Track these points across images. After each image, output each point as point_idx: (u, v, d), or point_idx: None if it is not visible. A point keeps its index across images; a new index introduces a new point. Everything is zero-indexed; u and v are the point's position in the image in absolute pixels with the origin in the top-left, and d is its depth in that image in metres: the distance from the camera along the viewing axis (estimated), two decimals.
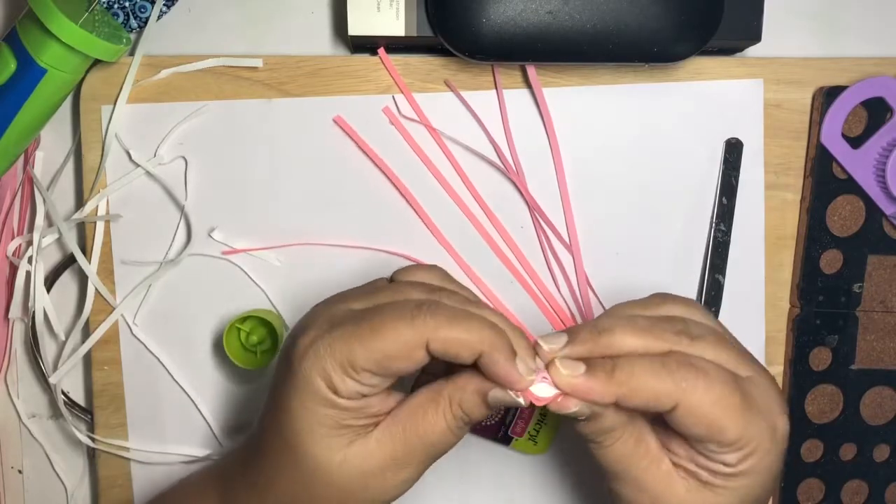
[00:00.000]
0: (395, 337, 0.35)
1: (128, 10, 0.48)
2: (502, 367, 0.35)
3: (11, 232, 0.51)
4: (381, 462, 0.37)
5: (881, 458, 0.53)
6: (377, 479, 0.37)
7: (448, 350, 0.35)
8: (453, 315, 0.35)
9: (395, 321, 0.35)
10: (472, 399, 0.36)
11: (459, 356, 0.35)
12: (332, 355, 0.35)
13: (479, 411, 0.37)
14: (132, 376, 0.51)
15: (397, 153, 0.50)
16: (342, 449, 0.36)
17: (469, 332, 0.35)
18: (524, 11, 0.45)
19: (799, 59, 0.51)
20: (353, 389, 0.36)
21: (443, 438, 0.37)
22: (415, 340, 0.35)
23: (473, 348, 0.35)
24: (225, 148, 0.50)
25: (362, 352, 0.35)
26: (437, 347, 0.35)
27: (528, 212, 0.51)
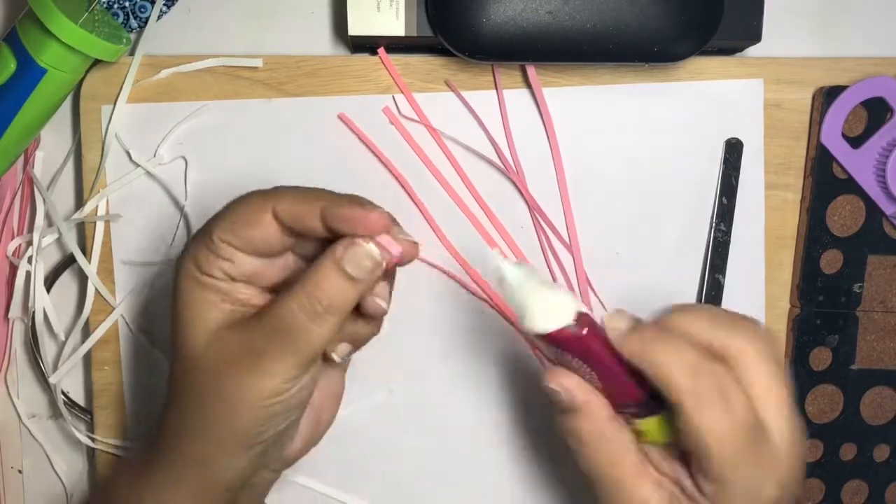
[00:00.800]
0: (245, 204, 0.37)
1: (128, 10, 0.48)
2: (346, 207, 0.35)
3: (11, 232, 0.51)
4: (240, 348, 0.36)
5: (881, 458, 0.53)
6: (237, 367, 0.36)
7: (293, 211, 0.35)
8: (301, 187, 0.37)
9: (248, 193, 0.37)
10: (326, 271, 0.35)
11: (304, 219, 0.35)
12: (196, 237, 0.37)
13: (338, 286, 0.35)
14: (132, 376, 0.51)
15: (397, 153, 0.50)
16: (209, 332, 0.37)
17: (313, 191, 0.36)
18: (524, 11, 0.45)
19: (799, 59, 0.51)
20: (216, 265, 0.36)
21: (297, 326, 0.35)
22: (262, 202, 0.36)
23: (315, 202, 0.35)
24: (225, 148, 0.50)
25: (218, 222, 0.37)
26: (282, 209, 0.36)
27: (528, 212, 0.51)
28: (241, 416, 0.36)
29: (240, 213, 0.37)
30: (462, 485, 0.53)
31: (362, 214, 0.35)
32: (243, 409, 0.36)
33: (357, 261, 0.35)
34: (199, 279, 0.37)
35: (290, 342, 0.35)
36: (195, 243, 0.37)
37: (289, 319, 0.35)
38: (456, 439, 0.52)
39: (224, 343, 0.36)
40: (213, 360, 0.36)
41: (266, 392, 0.36)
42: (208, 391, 0.37)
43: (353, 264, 0.35)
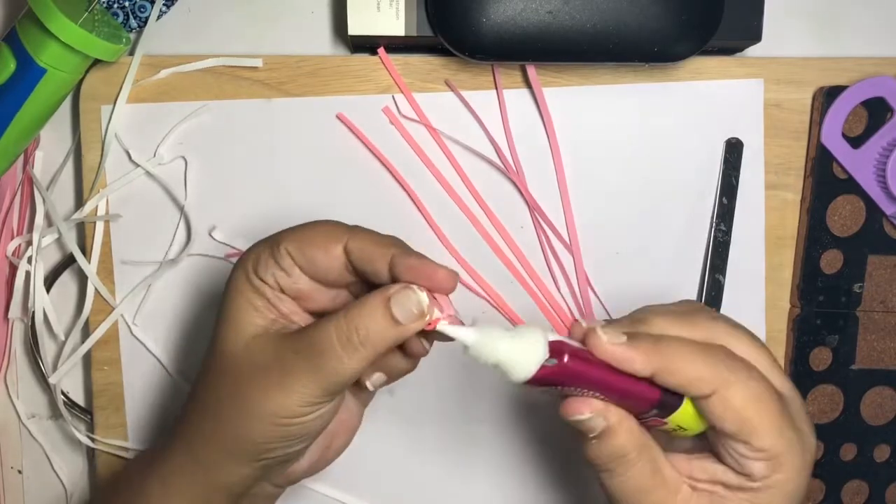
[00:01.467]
0: (323, 226, 0.38)
1: (127, 10, 0.48)
2: (416, 259, 0.35)
3: (11, 232, 0.51)
4: (271, 360, 0.36)
5: (881, 458, 0.53)
6: (262, 377, 0.36)
7: (364, 251, 0.36)
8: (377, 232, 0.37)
9: (327, 221, 0.38)
10: (371, 306, 0.35)
11: (373, 260, 0.36)
12: (266, 239, 0.38)
13: (378, 324, 0.35)
14: (132, 376, 0.51)
15: (397, 153, 0.50)
16: (247, 335, 0.37)
17: (388, 238, 0.37)
18: (524, 11, 0.45)
19: (799, 59, 0.51)
20: (271, 271, 0.37)
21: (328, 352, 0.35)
22: (337, 233, 0.37)
23: (388, 248, 0.36)
24: (225, 148, 0.50)
25: (290, 233, 0.38)
26: (354, 247, 0.36)
27: (528, 212, 0.51)
28: (254, 431, 0.36)
29: (314, 235, 0.37)
30: (461, 485, 0.53)
31: (431, 269, 0.35)
32: (258, 424, 0.36)
33: (405, 304, 0.35)
34: (251, 280, 0.37)
35: (318, 366, 0.35)
36: (259, 246, 0.38)
37: (324, 343, 0.35)
38: (455, 440, 0.52)
39: (258, 351, 0.37)
40: (244, 365, 0.37)
41: (285, 410, 0.36)
42: (231, 395, 0.37)
43: (401, 307, 0.35)
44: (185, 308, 0.51)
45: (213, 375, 0.38)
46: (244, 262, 0.38)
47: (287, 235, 0.37)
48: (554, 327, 0.52)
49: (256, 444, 0.37)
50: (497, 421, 0.52)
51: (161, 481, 0.39)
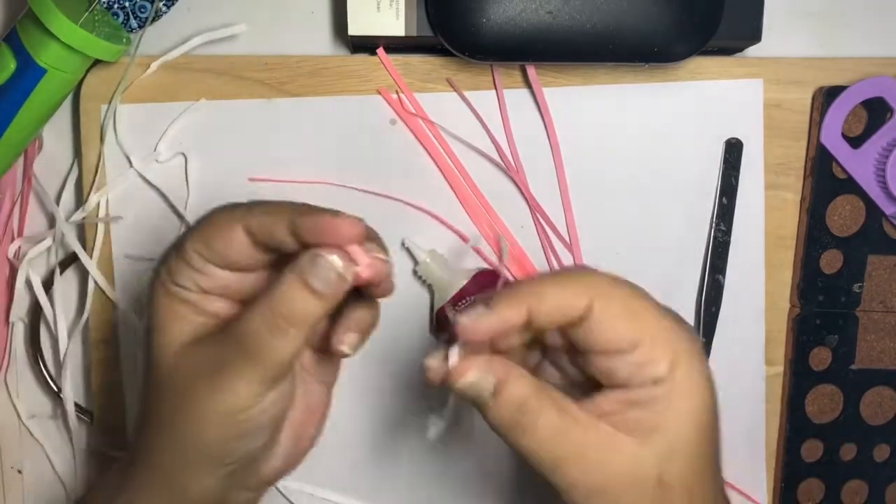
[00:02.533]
0: (216, 217, 0.36)
1: (128, 10, 0.48)
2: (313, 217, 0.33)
3: (11, 232, 0.51)
4: (207, 362, 0.35)
5: (881, 457, 0.53)
6: (203, 382, 0.35)
7: (262, 224, 0.35)
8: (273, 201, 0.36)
9: (222, 207, 0.36)
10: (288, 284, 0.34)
11: (273, 232, 0.34)
12: (171, 248, 0.37)
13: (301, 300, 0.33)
14: (132, 376, 0.51)
15: (397, 153, 0.50)
16: (178, 345, 0.36)
17: (283, 205, 0.35)
18: (524, 11, 0.45)
19: (799, 59, 0.51)
20: (186, 275, 0.36)
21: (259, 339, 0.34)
22: (233, 217, 0.35)
23: (284, 215, 0.34)
24: (225, 148, 0.50)
25: (191, 235, 0.36)
26: (252, 223, 0.35)
27: (529, 211, 0.51)
28: (206, 434, 0.35)
29: (212, 226, 0.36)
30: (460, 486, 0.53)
31: (330, 223, 0.33)
32: (209, 426, 0.35)
33: (320, 273, 0.33)
34: (170, 289, 0.36)
35: (252, 357, 0.34)
36: (168, 253, 0.37)
37: (251, 333, 0.34)
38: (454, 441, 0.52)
39: (191, 357, 0.36)
40: (180, 375, 0.36)
41: (233, 407, 0.35)
42: (176, 407, 0.36)
43: (317, 277, 0.33)
44: None
45: (154, 389, 0.37)
46: (158, 272, 0.37)
47: (190, 235, 0.36)
48: None
49: (213, 448, 0.36)
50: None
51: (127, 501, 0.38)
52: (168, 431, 0.36)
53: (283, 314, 0.34)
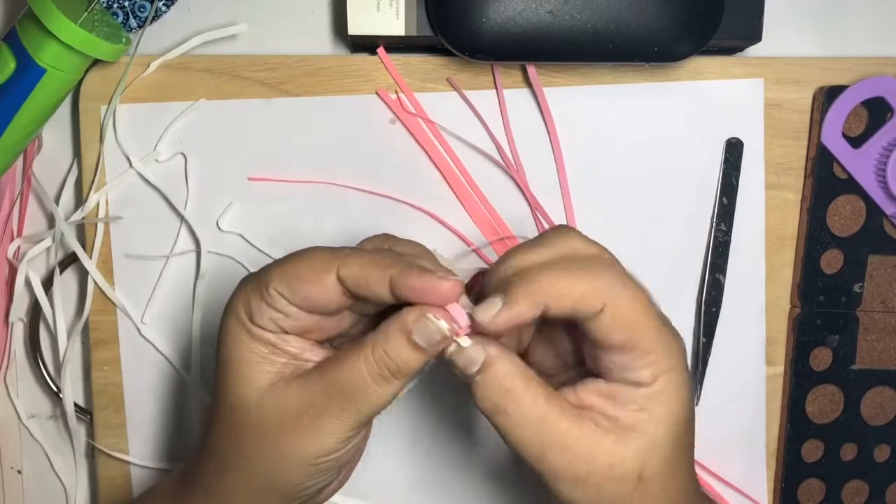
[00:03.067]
0: (309, 258, 0.36)
1: (127, 10, 0.48)
2: (417, 278, 0.34)
3: (11, 232, 0.51)
4: (297, 408, 0.35)
5: (882, 458, 0.53)
6: (291, 426, 0.35)
7: (359, 276, 0.34)
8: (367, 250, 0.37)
9: (311, 250, 0.36)
10: (396, 339, 0.34)
11: (371, 285, 0.34)
12: (252, 281, 0.36)
13: (407, 355, 0.34)
14: (132, 376, 0.51)
15: (397, 152, 0.50)
16: (261, 387, 0.36)
17: (381, 257, 0.35)
18: (524, 11, 0.45)
19: (799, 58, 0.51)
20: (268, 315, 0.36)
21: (362, 389, 0.35)
22: (325, 263, 0.35)
23: (384, 270, 0.34)
24: (225, 147, 0.50)
25: (277, 272, 0.36)
26: (348, 274, 0.35)
27: (529, 211, 0.51)
28: (290, 475, 0.36)
29: (301, 270, 0.35)
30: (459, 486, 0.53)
31: (433, 286, 0.34)
32: (294, 468, 0.36)
33: (427, 333, 0.34)
34: (249, 328, 0.36)
35: (353, 403, 0.35)
36: (247, 291, 0.36)
37: (356, 381, 0.35)
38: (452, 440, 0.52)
39: (280, 400, 0.36)
40: (266, 417, 0.36)
41: (322, 451, 0.36)
42: (258, 448, 0.36)
43: (423, 336, 0.34)
44: (184, 307, 0.51)
45: (229, 430, 0.37)
46: (235, 310, 0.36)
47: (274, 275, 0.36)
48: None
49: (293, 487, 0.37)
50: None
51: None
52: (242, 473, 0.37)
53: (389, 367, 0.35)
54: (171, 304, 0.51)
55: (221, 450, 0.38)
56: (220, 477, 0.38)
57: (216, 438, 0.38)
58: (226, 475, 0.37)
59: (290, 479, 0.36)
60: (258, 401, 0.36)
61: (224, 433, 0.37)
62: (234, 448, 0.37)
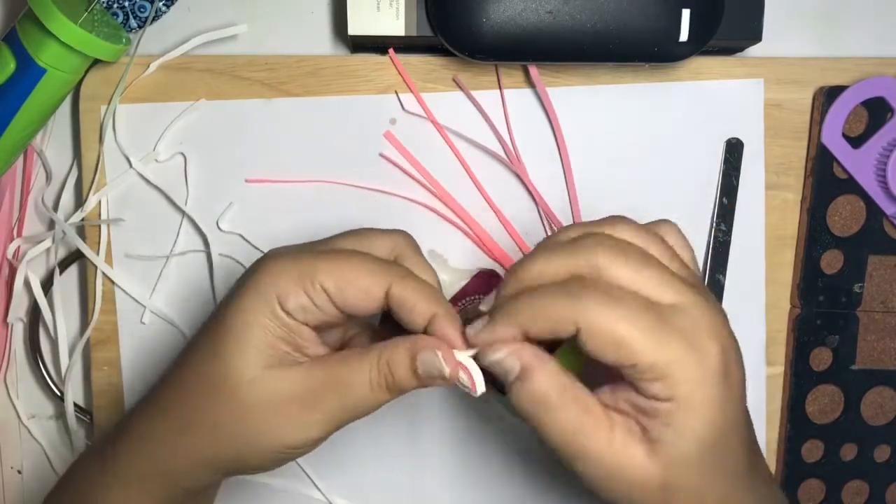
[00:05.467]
0: (365, 269, 0.36)
1: (127, 10, 0.48)
2: (450, 327, 0.35)
3: (11, 233, 0.51)
4: (290, 395, 0.36)
5: (882, 458, 0.53)
6: (280, 412, 0.36)
7: (408, 299, 0.36)
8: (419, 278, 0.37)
9: (363, 257, 0.37)
10: (401, 357, 0.35)
11: (415, 311, 0.36)
12: (296, 265, 0.36)
13: (405, 374, 0.35)
14: (132, 377, 0.51)
15: (398, 152, 0.50)
16: (259, 368, 0.36)
17: (433, 290, 0.36)
18: (524, 11, 0.45)
19: (799, 58, 0.51)
20: (301, 305, 0.36)
21: (359, 392, 0.36)
22: (381, 278, 0.36)
23: (431, 303, 0.36)
24: (224, 148, 0.50)
25: (327, 266, 0.36)
26: (398, 293, 0.36)
27: (534, 210, 0.51)
28: (253, 455, 0.36)
29: (355, 275, 0.36)
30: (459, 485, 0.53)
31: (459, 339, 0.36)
32: (260, 451, 0.36)
33: (429, 366, 0.35)
34: (274, 309, 0.36)
35: (346, 402, 0.36)
36: (286, 274, 0.36)
37: (357, 381, 0.36)
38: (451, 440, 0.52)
39: (276, 382, 0.36)
40: (257, 396, 0.36)
41: (296, 442, 0.36)
42: (233, 422, 0.36)
43: (425, 366, 0.35)
44: (184, 307, 0.51)
45: (206, 397, 0.37)
46: (264, 289, 0.36)
47: (323, 269, 0.36)
48: None
49: (248, 467, 0.37)
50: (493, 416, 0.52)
51: (123, 485, 0.38)
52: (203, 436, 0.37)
53: (388, 381, 0.36)
54: (171, 303, 0.51)
55: (184, 408, 0.37)
56: (165, 435, 0.37)
57: (182, 396, 0.38)
58: (176, 436, 0.37)
59: (249, 459, 0.36)
60: (252, 378, 0.36)
61: (198, 395, 0.37)
62: (203, 413, 0.37)
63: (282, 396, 0.36)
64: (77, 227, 0.50)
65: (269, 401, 0.36)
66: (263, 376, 0.36)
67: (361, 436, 0.52)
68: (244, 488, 0.52)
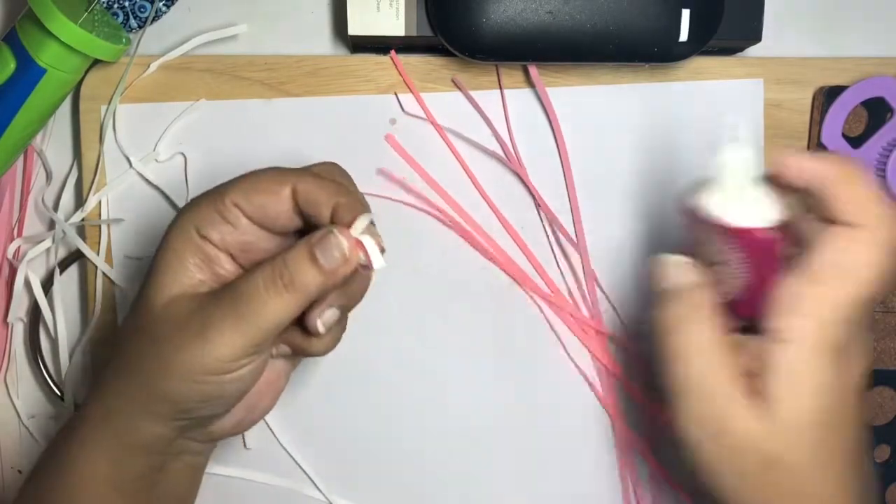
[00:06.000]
0: (266, 174, 0.37)
1: (127, 10, 0.48)
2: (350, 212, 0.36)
3: (11, 233, 0.51)
4: (191, 313, 0.36)
5: (881, 458, 0.53)
6: (182, 332, 0.35)
7: (310, 192, 0.36)
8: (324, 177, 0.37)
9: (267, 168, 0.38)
10: (298, 251, 0.35)
11: (319, 204, 0.36)
12: (207, 194, 0.37)
13: (303, 267, 0.35)
14: None
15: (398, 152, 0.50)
16: (170, 294, 0.36)
17: (331, 183, 0.37)
18: (524, 11, 0.45)
19: (799, 58, 0.51)
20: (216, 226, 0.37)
21: (254, 294, 0.35)
22: (283, 177, 0.37)
23: (335, 194, 0.36)
24: (224, 148, 0.50)
25: (233, 186, 0.37)
26: (303, 189, 0.36)
27: (533, 210, 0.51)
28: (171, 387, 0.36)
29: (260, 181, 0.37)
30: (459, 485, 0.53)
31: (361, 214, 0.36)
32: (176, 381, 0.35)
33: (328, 249, 0.35)
34: (190, 236, 0.37)
35: (241, 312, 0.35)
36: (200, 202, 0.37)
37: (249, 289, 0.35)
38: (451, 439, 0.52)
39: (181, 307, 0.36)
40: (165, 323, 0.36)
41: (203, 366, 0.35)
42: (148, 353, 0.36)
43: (323, 252, 0.35)
44: None
45: (131, 333, 0.37)
46: (183, 221, 0.37)
47: (232, 187, 0.37)
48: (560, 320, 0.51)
49: (173, 403, 0.36)
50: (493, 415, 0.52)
51: (80, 443, 0.38)
52: (135, 377, 0.37)
53: (284, 277, 0.35)
54: None
55: (121, 354, 0.38)
56: (113, 385, 0.38)
57: (119, 343, 0.38)
58: (118, 381, 0.38)
59: (171, 391, 0.36)
60: (163, 307, 0.36)
61: (126, 336, 0.38)
62: (130, 351, 0.37)
63: (189, 318, 0.36)
64: (77, 227, 0.50)
65: (174, 323, 0.36)
66: (173, 303, 0.36)
67: (362, 436, 0.52)
68: (244, 488, 0.52)
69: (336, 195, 0.36)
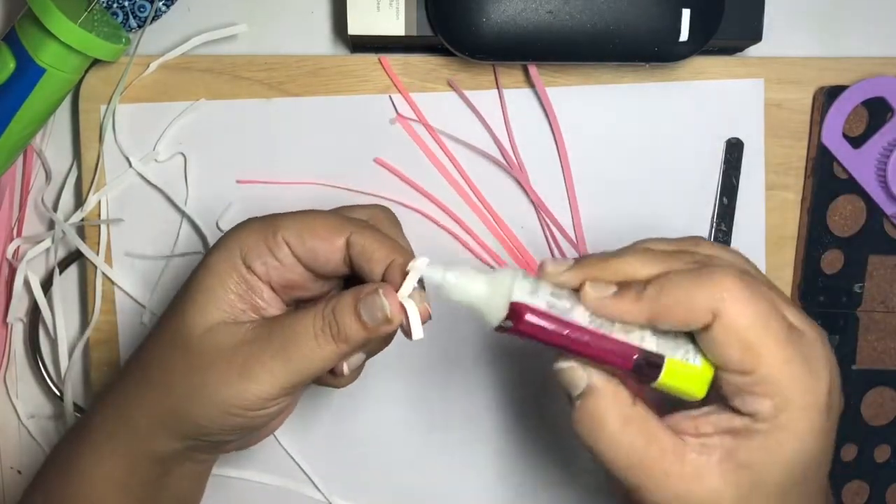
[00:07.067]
0: (324, 218, 0.37)
1: (127, 10, 0.48)
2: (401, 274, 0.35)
3: (11, 233, 0.51)
4: (236, 346, 0.35)
5: (882, 458, 0.53)
6: (225, 363, 0.35)
7: (366, 247, 0.36)
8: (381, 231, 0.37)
9: (324, 211, 0.38)
10: (346, 303, 0.35)
11: (373, 258, 0.36)
12: (261, 222, 0.37)
13: (349, 320, 0.35)
14: None
15: (397, 152, 0.50)
16: (213, 320, 0.36)
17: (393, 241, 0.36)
18: (524, 11, 0.45)
19: (799, 58, 0.51)
20: (263, 259, 0.36)
21: (303, 342, 0.35)
22: (340, 226, 0.36)
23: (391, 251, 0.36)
24: (224, 148, 0.50)
25: (289, 220, 0.37)
26: (357, 240, 0.36)
27: (532, 211, 0.51)
28: (202, 413, 0.36)
29: (317, 224, 0.36)
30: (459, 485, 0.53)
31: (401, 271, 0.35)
32: (209, 408, 0.36)
33: (371, 308, 0.35)
34: (236, 265, 0.36)
35: (292, 357, 0.35)
36: (251, 232, 0.37)
37: (299, 334, 0.35)
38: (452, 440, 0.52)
39: (223, 336, 0.36)
40: (205, 349, 0.36)
41: (241, 400, 0.35)
42: (185, 374, 0.36)
43: (367, 310, 0.35)
44: None
45: (163, 349, 0.37)
46: (230, 246, 0.37)
47: (286, 223, 0.36)
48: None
49: (199, 427, 0.36)
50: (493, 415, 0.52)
51: (92, 448, 0.38)
52: (160, 393, 0.37)
53: (333, 328, 0.35)
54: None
55: (148, 368, 0.38)
56: (135, 393, 0.38)
57: (147, 356, 0.38)
58: (142, 392, 0.38)
59: (201, 417, 0.36)
60: (204, 332, 0.36)
61: (158, 352, 0.38)
62: (163, 368, 0.37)
63: (227, 347, 0.36)
64: (77, 227, 0.50)
65: (216, 352, 0.36)
66: (215, 329, 0.36)
67: (362, 436, 0.52)
68: (244, 489, 0.52)
69: (392, 254, 0.36)
